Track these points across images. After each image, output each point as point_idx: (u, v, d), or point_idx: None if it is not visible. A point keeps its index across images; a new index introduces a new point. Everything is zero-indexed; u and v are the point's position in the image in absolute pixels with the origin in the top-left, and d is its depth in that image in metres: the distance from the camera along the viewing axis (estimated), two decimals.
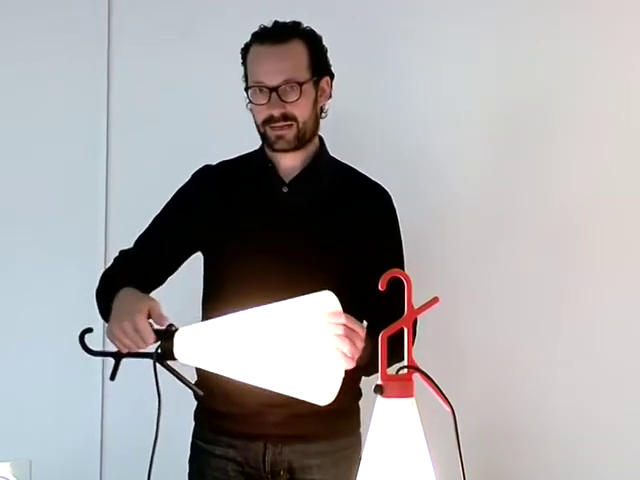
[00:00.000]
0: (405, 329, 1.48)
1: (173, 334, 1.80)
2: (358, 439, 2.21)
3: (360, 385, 2.20)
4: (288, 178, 2.20)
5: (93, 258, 2.82)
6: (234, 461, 2.16)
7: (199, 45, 2.90)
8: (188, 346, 1.79)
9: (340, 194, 2.21)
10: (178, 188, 2.26)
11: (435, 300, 1.52)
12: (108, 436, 2.89)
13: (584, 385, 2.79)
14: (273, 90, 2.09)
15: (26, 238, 2.86)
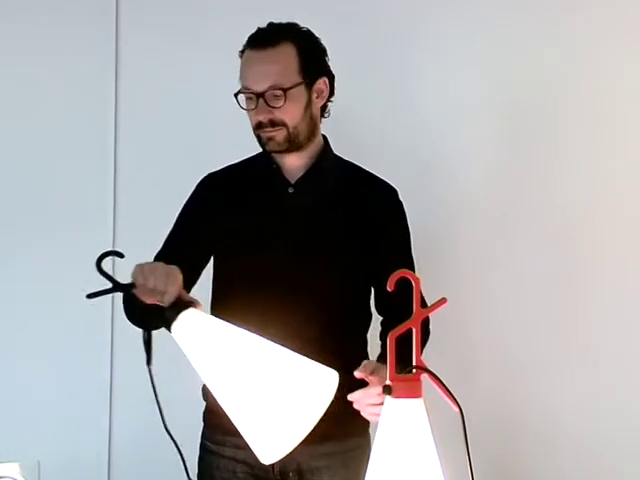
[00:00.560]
0: (414, 329, 1.49)
1: (187, 306, 1.76)
2: (367, 440, 2.20)
3: None
4: (293, 179, 2.19)
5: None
6: (244, 462, 2.14)
7: (204, 45, 2.88)
8: (188, 328, 1.73)
9: (346, 193, 2.20)
10: (185, 200, 2.24)
11: (443, 301, 1.53)
12: (116, 437, 2.89)
13: (592, 385, 2.79)
14: (260, 96, 2.08)
15: (34, 239, 2.85)
